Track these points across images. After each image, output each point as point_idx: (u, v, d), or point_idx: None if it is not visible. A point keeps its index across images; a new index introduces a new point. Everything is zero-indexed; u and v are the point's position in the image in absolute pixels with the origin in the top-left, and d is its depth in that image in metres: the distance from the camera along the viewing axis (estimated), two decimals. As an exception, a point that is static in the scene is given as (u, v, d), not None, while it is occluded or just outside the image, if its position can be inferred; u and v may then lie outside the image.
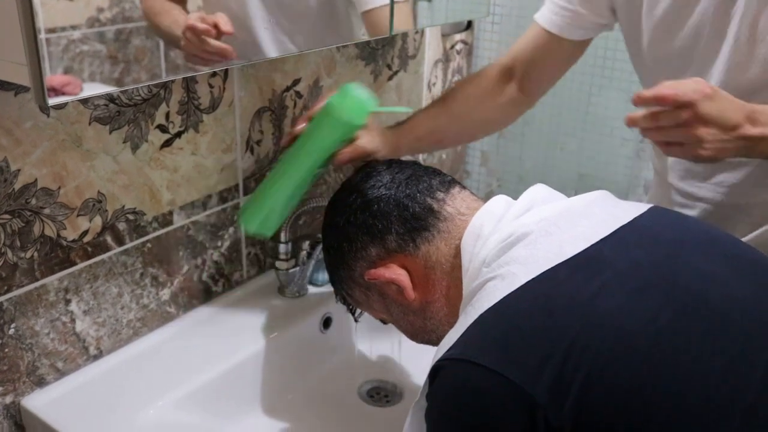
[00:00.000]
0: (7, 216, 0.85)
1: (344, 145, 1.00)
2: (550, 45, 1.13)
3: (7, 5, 0.67)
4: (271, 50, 0.99)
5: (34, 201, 0.87)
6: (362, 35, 1.17)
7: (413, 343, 0.93)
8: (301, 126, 1.03)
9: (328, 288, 1.10)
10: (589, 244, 0.72)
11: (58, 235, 0.91)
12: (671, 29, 0.98)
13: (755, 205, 0.99)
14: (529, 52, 1.16)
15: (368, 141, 1.03)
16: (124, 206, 0.98)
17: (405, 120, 1.16)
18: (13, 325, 0.90)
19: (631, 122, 0.83)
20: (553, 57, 1.15)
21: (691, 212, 1.06)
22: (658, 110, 0.80)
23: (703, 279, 0.70)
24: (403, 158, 0.98)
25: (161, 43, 0.84)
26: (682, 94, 0.79)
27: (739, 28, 0.91)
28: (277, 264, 1.17)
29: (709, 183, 1.03)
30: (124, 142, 0.95)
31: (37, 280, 0.91)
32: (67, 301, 0.95)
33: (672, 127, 0.80)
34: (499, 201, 0.83)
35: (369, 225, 0.86)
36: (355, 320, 1.02)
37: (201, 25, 0.88)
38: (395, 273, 0.84)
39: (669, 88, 0.79)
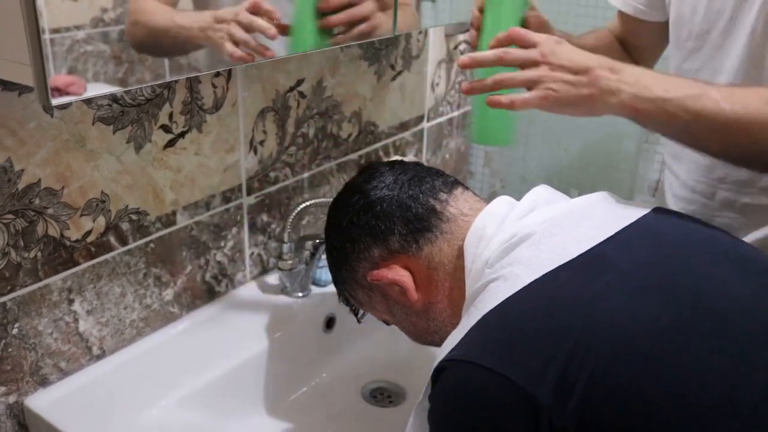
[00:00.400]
0: (10, 216, 0.85)
1: (526, 12, 0.99)
2: (634, 27, 1.11)
3: (11, 5, 0.67)
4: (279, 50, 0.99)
5: (37, 201, 0.88)
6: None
7: (416, 344, 0.93)
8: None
9: (332, 288, 1.09)
10: (592, 245, 0.72)
11: (62, 235, 0.91)
12: (693, 10, 0.97)
13: (754, 207, 0.99)
14: (619, 32, 1.14)
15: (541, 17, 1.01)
16: (127, 206, 0.98)
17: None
18: (16, 325, 0.90)
19: (467, 64, 0.85)
20: (642, 38, 1.12)
21: (690, 206, 1.05)
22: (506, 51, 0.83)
23: (706, 279, 0.70)
24: (407, 159, 0.98)
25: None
26: (530, 33, 0.83)
27: (757, 19, 0.90)
28: (280, 264, 1.17)
29: (710, 178, 1.03)
30: (127, 142, 0.95)
31: (40, 280, 0.91)
32: (71, 301, 0.95)
33: (519, 70, 0.82)
34: (502, 202, 0.83)
35: (372, 226, 0.85)
36: (358, 321, 1.02)
37: (267, 5, 0.88)
38: (398, 274, 0.83)
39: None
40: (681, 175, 1.08)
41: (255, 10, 0.87)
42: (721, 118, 0.78)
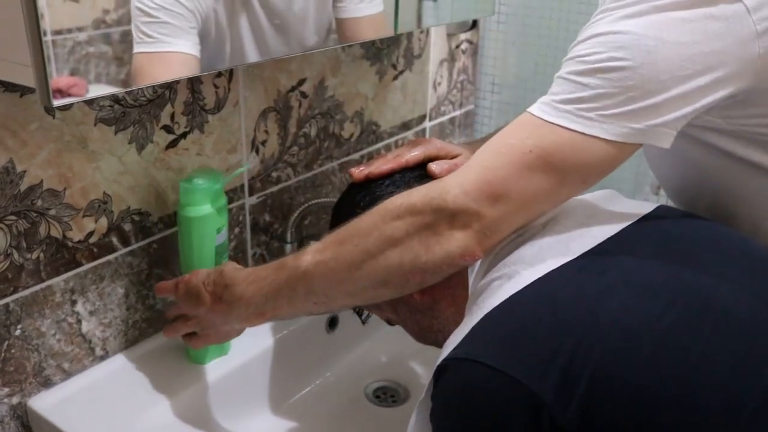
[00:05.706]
0: (13, 217, 0.85)
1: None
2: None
3: (12, 7, 0.67)
4: (277, 50, 0.99)
5: (39, 202, 0.88)
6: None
7: (419, 344, 0.93)
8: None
9: (334, 288, 1.09)
10: (595, 243, 0.72)
11: (64, 236, 0.91)
12: None
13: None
14: None
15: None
16: (129, 207, 0.98)
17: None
18: (19, 326, 0.90)
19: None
20: None
21: None
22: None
23: (711, 277, 0.69)
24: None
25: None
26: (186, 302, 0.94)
27: None
28: (283, 264, 1.17)
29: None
30: (129, 143, 0.95)
31: (43, 281, 0.91)
32: (73, 302, 0.95)
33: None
34: (506, 200, 0.83)
35: (376, 224, 0.85)
36: (362, 322, 1.02)
37: None
38: (402, 272, 0.83)
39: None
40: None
41: None
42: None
